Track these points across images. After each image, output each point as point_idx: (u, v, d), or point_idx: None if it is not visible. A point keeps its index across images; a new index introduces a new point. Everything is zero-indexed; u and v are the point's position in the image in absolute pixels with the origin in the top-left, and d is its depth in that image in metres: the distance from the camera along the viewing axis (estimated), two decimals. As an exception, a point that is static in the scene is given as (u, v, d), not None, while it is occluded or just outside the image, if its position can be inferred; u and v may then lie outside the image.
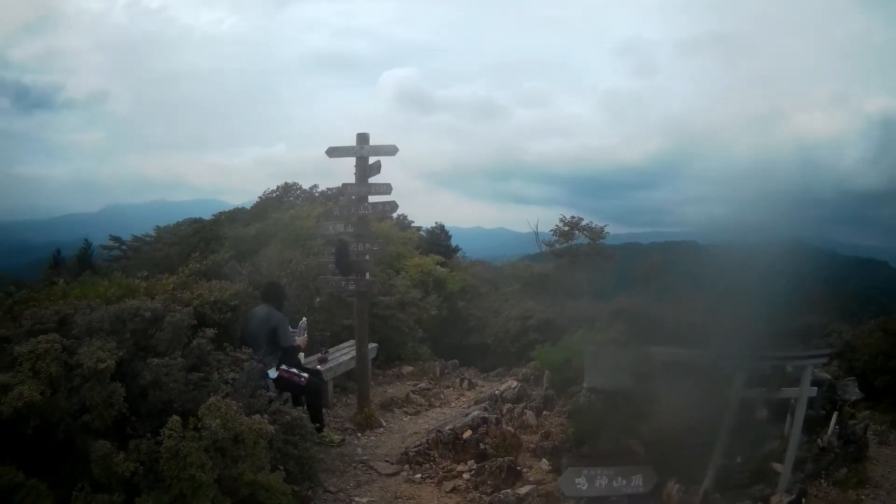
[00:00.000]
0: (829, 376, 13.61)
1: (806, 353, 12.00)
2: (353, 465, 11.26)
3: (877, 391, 17.74)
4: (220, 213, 32.10)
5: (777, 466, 11.48)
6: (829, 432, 12.79)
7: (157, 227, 35.21)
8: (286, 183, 33.03)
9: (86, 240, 36.49)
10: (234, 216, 30.19)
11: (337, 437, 11.96)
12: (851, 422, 13.52)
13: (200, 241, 26.51)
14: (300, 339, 11.84)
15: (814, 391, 11.36)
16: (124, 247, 35.65)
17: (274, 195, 32.08)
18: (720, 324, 12.94)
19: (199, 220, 32.40)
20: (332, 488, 10.17)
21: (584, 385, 12.58)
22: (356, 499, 10.05)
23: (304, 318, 12.28)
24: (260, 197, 32.62)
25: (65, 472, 6.21)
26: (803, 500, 10.76)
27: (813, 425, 12.75)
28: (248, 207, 31.89)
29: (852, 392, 13.90)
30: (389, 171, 12.44)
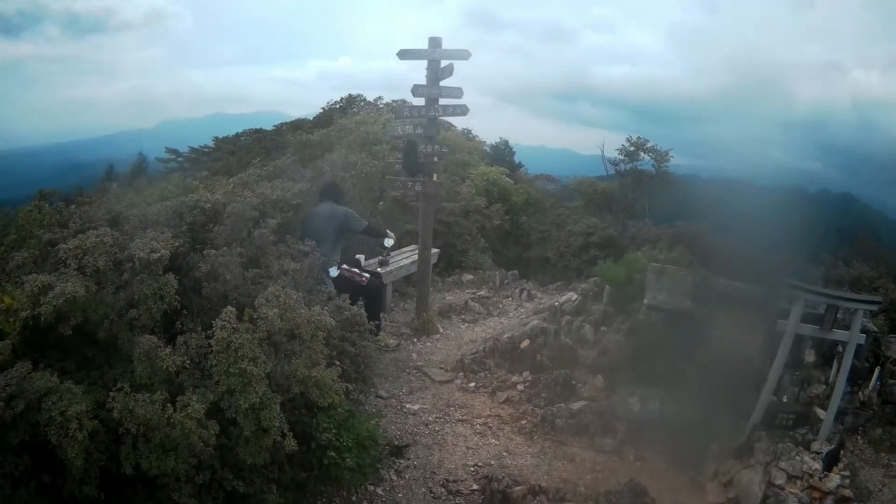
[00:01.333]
0: (875, 328, 13.45)
1: (859, 296, 11.85)
2: (407, 370, 11.28)
3: None
4: (281, 123, 31.97)
5: (820, 413, 11.40)
6: (871, 387, 12.72)
7: (216, 137, 35.15)
8: (350, 94, 32.63)
9: (140, 153, 36.01)
10: (297, 125, 30.06)
11: (392, 342, 11.94)
12: (891, 381, 13.29)
13: (262, 149, 26.42)
14: (388, 241, 11.95)
15: (863, 338, 11.15)
16: (181, 158, 35.67)
17: (338, 106, 31.73)
18: (776, 261, 12.73)
19: (260, 131, 32.30)
20: (384, 393, 10.24)
21: (645, 302, 12.46)
22: (408, 405, 10.10)
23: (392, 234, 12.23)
24: (323, 108, 32.27)
25: (105, 376, 6.09)
26: (842, 451, 10.65)
27: (856, 377, 12.69)
28: (311, 119, 31.58)
29: (895, 349, 13.76)
30: (457, 84, 12.25)
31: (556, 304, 14.66)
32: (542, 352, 11.69)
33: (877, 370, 12.78)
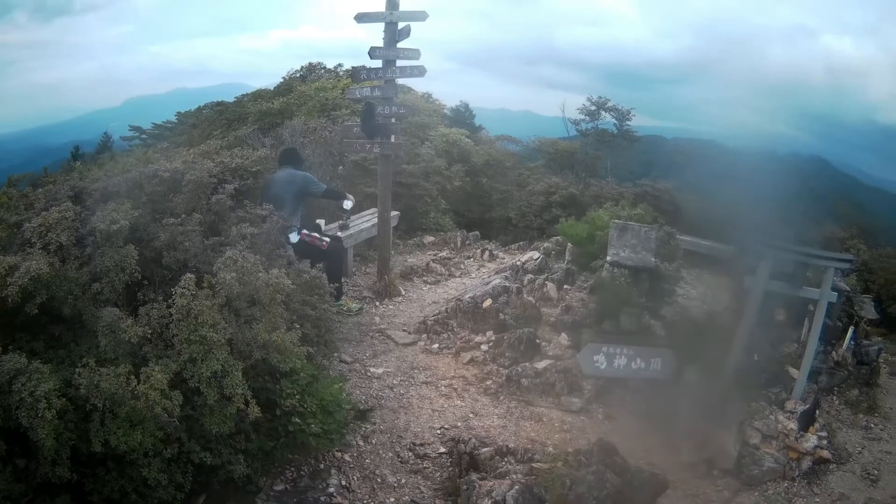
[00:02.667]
0: (847, 288, 13.57)
1: (830, 254, 11.73)
2: (371, 334, 11.30)
3: (890, 319, 17.69)
4: (243, 95, 32.02)
5: (793, 372, 11.42)
6: (845, 347, 12.74)
7: (179, 112, 35.09)
8: (310, 63, 32.80)
9: (105, 133, 35.99)
10: (259, 95, 30.10)
11: (355, 306, 11.96)
12: (865, 342, 13.42)
13: (224, 121, 26.47)
14: (347, 203, 11.95)
15: (834, 296, 11.11)
16: (144, 135, 35.71)
17: (298, 74, 31.87)
18: (744, 220, 12.76)
19: (222, 103, 32.34)
20: (348, 358, 10.24)
21: (608, 258, 12.38)
22: (372, 369, 10.11)
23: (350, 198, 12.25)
24: (284, 77, 32.37)
25: (73, 353, 6.04)
26: (817, 411, 10.75)
27: (829, 336, 12.69)
28: (273, 88, 31.48)
29: (869, 310, 14.02)
30: (415, 47, 12.41)
31: (518, 263, 14.72)
32: (504, 311, 11.71)
33: (850, 330, 12.84)
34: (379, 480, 7.66)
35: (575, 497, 6.94)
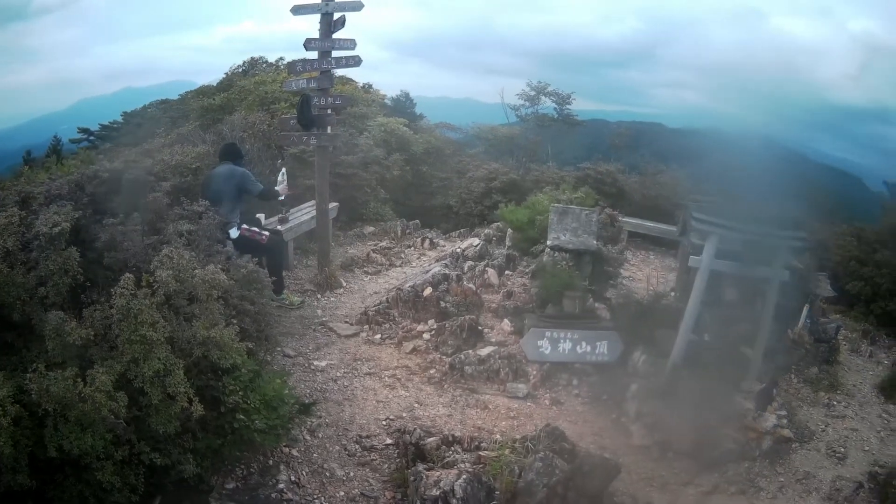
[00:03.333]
0: (801, 266, 13.50)
1: (781, 232, 11.76)
2: (313, 327, 11.31)
3: (848, 296, 17.97)
4: (187, 92, 31.92)
5: (747, 351, 11.40)
6: (801, 325, 12.82)
7: (125, 112, 34.90)
8: (252, 58, 32.72)
9: (55, 136, 35.83)
10: (202, 92, 30.05)
11: (297, 299, 11.98)
12: (823, 319, 13.58)
13: (167, 119, 26.44)
14: (282, 188, 11.87)
15: (786, 274, 11.15)
16: (93, 136, 35.47)
17: (240, 70, 31.81)
18: (691, 199, 12.76)
19: (167, 101, 32.24)
20: (291, 352, 10.24)
21: (548, 243, 12.40)
22: (315, 362, 10.12)
23: (284, 168, 12.24)
24: (226, 73, 32.20)
25: (25, 359, 6.05)
26: (775, 390, 10.68)
27: (785, 315, 12.62)
28: (215, 84, 31.40)
29: (824, 288, 14.08)
30: (356, 41, 12.39)
31: (459, 250, 14.78)
32: (445, 299, 11.77)
33: (805, 308, 12.97)
34: (328, 475, 7.67)
35: (524, 484, 6.94)
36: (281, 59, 30.97)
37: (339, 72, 16.25)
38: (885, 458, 10.26)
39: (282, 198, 12.09)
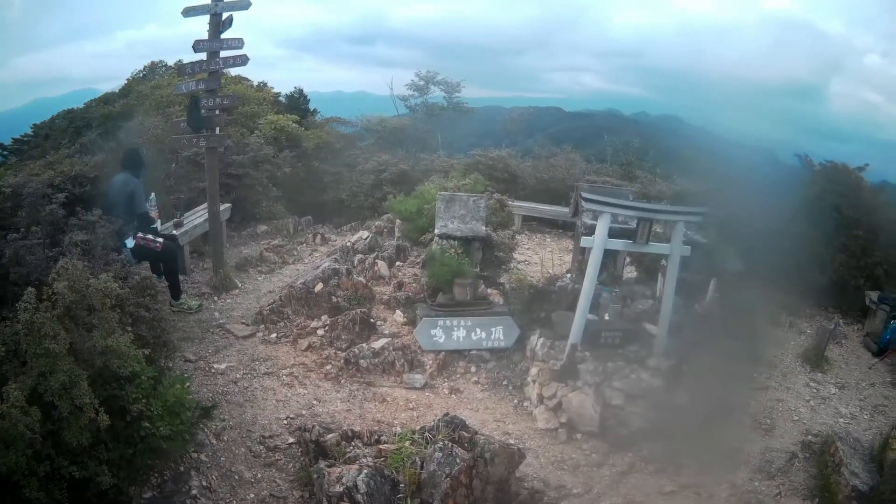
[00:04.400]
0: (705, 241, 13.71)
1: (676, 208, 11.88)
2: (212, 330, 11.29)
3: (761, 268, 17.97)
4: (91, 100, 31.44)
5: (651, 328, 11.53)
6: (708, 299, 12.97)
7: (34, 124, 34.31)
8: (152, 62, 32.19)
9: None
10: (105, 99, 29.52)
11: (195, 303, 11.95)
12: (735, 294, 13.47)
13: (73, 129, 26.05)
14: (154, 213, 11.76)
15: (687, 250, 11.24)
16: (6, 151, 34.82)
17: (141, 74, 31.21)
18: (585, 180, 12.93)
19: (73, 110, 31.76)
20: (192, 356, 10.22)
21: (436, 231, 12.61)
22: (215, 365, 10.12)
23: (153, 194, 12.08)
24: (128, 79, 31.57)
25: None
26: (684, 367, 10.83)
27: (690, 290, 12.87)
28: (118, 91, 30.96)
29: (732, 261, 14.00)
30: (251, 40, 12.39)
31: (349, 243, 14.93)
32: (336, 293, 11.86)
33: (712, 282, 13.11)
34: (237, 477, 7.78)
35: (427, 475, 7.10)
36: (179, 61, 30.35)
37: (234, 71, 16.24)
38: (818, 427, 10.46)
39: (156, 223, 11.95)
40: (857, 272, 16.74)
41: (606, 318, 11.90)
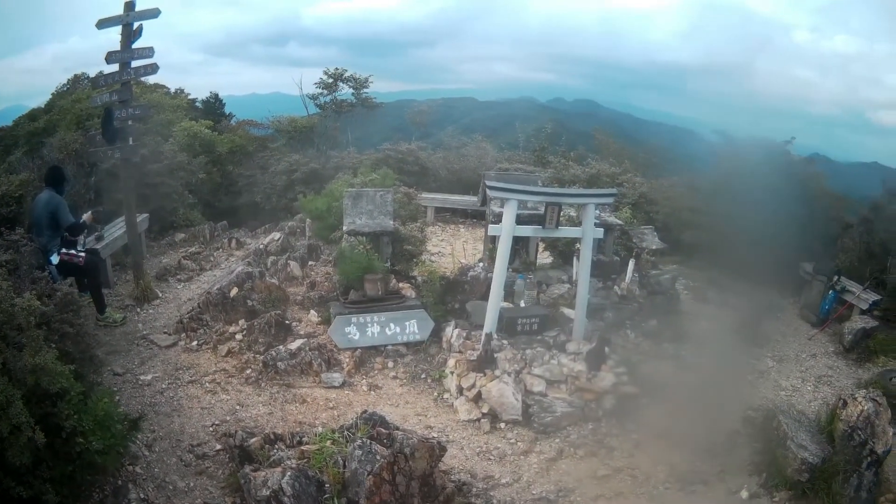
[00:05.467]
0: (620, 222, 13.91)
1: (585, 191, 12.23)
2: (136, 342, 11.27)
3: (684, 246, 18.12)
4: (19, 117, 30.97)
5: (568, 312, 11.70)
6: (628, 280, 13.06)
7: None
8: (75, 74, 31.19)
9: None
10: (32, 116, 29.02)
11: (119, 316, 11.93)
12: (654, 272, 13.82)
13: (2, 147, 25.75)
14: (86, 216, 11.66)
15: (600, 232, 11.38)
16: None
17: (66, 88, 30.39)
18: (497, 168, 13.04)
19: (2, 129, 31.29)
20: (119, 369, 10.21)
21: (344, 228, 12.68)
22: (141, 377, 10.11)
23: (90, 211, 11.98)
24: (52, 93, 30.66)
25: None
26: (607, 348, 10.94)
27: (608, 272, 13.12)
28: (43, 106, 30.52)
29: (651, 240, 14.40)
30: (168, 47, 12.36)
31: (261, 246, 15.03)
32: (251, 297, 11.91)
33: (631, 262, 13.22)
34: (171, 488, 7.77)
35: (350, 474, 7.11)
36: (101, 73, 30.01)
37: (152, 79, 16.20)
38: (758, 402, 10.56)
39: (83, 233, 11.81)
40: (789, 245, 16.50)
41: (522, 304, 12.07)
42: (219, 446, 8.56)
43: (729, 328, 13.44)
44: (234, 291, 11.93)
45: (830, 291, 14.80)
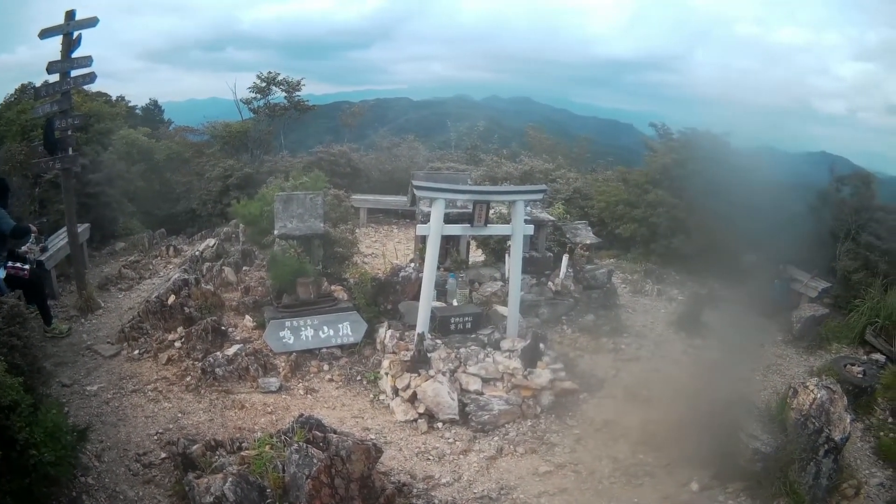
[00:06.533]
0: (552, 217, 13.81)
1: (513, 188, 12.25)
2: (81, 352, 11.26)
3: (621, 240, 18.37)
4: None
5: (501, 310, 11.81)
6: (562, 275, 13.11)
7: None
8: (22, 84, 30.83)
9: None
10: None
11: (65, 327, 11.93)
12: (589, 266, 13.78)
13: None
14: (34, 227, 11.73)
15: (530, 229, 11.38)
16: None
17: (13, 98, 30.19)
18: (430, 167, 13.10)
19: None
20: (66, 380, 10.22)
21: (275, 232, 12.68)
22: (88, 387, 10.13)
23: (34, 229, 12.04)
24: None
25: None
26: (543, 345, 10.99)
27: (541, 268, 13.11)
28: None
29: (585, 235, 14.36)
30: (111, 55, 12.32)
31: (197, 252, 15.06)
32: (188, 304, 11.91)
33: (565, 257, 13.24)
34: (122, 497, 7.76)
35: (290, 478, 7.15)
36: (46, 82, 29.55)
37: (94, 87, 16.14)
38: (703, 392, 10.09)
39: (34, 232, 11.96)
40: (731, 236, 16.83)
41: (455, 303, 12.18)
42: (164, 454, 8.56)
43: (668, 321, 13.66)
44: (172, 299, 11.89)
45: (776, 281, 14.78)
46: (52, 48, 12.24)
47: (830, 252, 15.47)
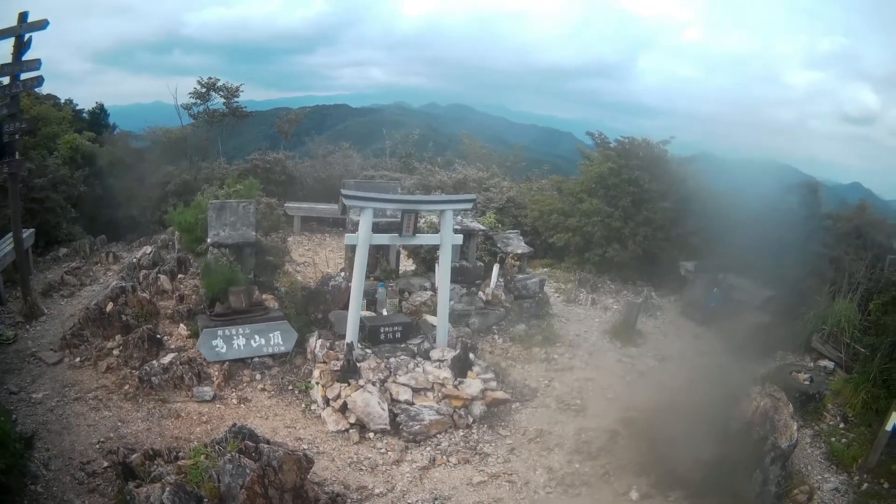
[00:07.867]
0: (482, 227, 13.84)
1: (442, 197, 12.21)
2: (27, 359, 11.24)
3: (555, 249, 18.39)
4: None
5: (431, 319, 11.89)
6: (493, 285, 13.18)
7: None
8: None
9: None
10: None
11: (10, 334, 11.95)
12: (520, 276, 13.88)
13: None
14: None
15: (459, 238, 11.46)
16: None
17: None
18: (360, 177, 13.16)
19: None
20: (14, 388, 10.24)
21: (209, 240, 12.67)
22: (34, 395, 10.15)
23: None
24: None
25: None
26: (472, 355, 11.08)
27: (472, 278, 13.18)
28: None
29: (516, 245, 14.50)
30: (60, 57, 12.11)
31: (134, 260, 14.93)
32: (125, 312, 11.86)
33: (496, 267, 13.31)
34: None
35: (225, 488, 7.16)
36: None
37: (44, 90, 15.98)
38: (639, 402, 10.54)
39: None
40: (666, 244, 16.79)
41: (385, 313, 12.28)
42: (106, 463, 8.57)
43: (602, 330, 13.72)
44: (110, 306, 11.86)
45: (715, 289, 14.72)
46: (6, 51, 12.20)
47: (776, 260, 15.01)
